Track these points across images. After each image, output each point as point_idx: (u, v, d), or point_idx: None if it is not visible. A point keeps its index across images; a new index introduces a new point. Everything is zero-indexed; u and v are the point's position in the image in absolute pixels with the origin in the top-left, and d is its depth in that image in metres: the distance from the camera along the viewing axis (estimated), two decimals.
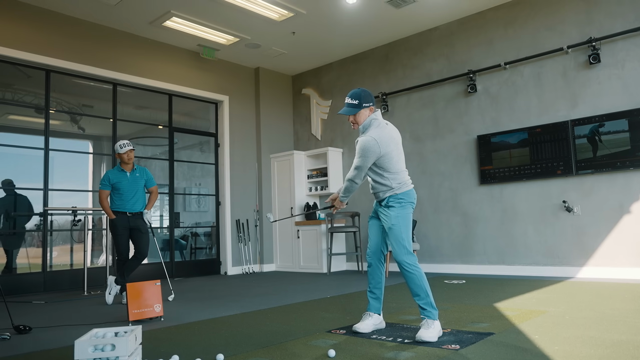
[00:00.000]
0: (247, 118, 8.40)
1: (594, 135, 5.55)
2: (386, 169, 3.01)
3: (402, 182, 3.05)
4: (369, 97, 3.10)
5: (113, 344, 2.27)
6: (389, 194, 3.04)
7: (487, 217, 6.38)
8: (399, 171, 3.06)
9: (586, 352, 2.42)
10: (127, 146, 4.80)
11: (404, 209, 3.02)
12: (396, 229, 2.99)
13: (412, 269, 2.94)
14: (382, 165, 3.01)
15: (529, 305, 3.84)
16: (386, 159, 3.00)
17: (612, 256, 5.43)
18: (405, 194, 3.04)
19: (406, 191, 3.05)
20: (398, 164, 3.06)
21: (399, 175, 3.05)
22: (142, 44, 7.10)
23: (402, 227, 2.99)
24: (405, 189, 3.04)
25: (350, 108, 3.07)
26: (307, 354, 2.58)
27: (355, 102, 3.06)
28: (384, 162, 3.00)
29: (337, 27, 6.99)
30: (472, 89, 6.52)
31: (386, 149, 2.98)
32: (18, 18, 5.94)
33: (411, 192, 3.08)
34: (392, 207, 3.02)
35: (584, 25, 5.77)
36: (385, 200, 3.06)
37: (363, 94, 3.07)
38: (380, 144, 2.95)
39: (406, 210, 3.03)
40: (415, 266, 2.95)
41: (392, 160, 3.02)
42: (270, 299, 4.72)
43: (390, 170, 3.02)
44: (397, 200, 3.02)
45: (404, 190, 3.04)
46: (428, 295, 2.92)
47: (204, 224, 8.05)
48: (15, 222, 6.13)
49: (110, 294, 4.77)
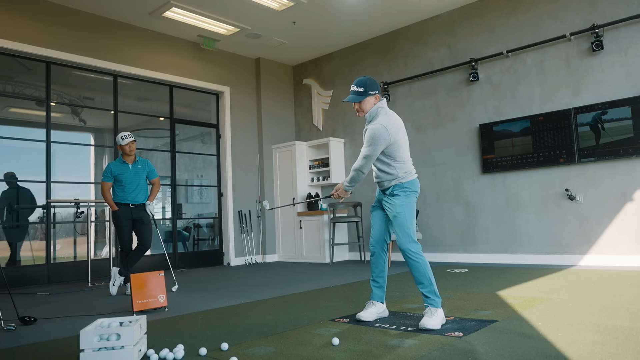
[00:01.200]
0: (248, 109, 8.37)
1: (597, 123, 5.53)
2: (394, 157, 3.01)
3: (408, 171, 3.06)
4: (375, 85, 3.09)
5: (118, 333, 2.29)
6: (394, 182, 3.04)
7: (490, 206, 6.38)
8: (405, 160, 3.06)
9: (589, 338, 2.42)
10: (128, 138, 4.79)
11: (409, 197, 3.03)
12: (401, 217, 2.99)
13: (416, 257, 2.95)
14: (390, 154, 3.01)
15: (531, 293, 3.85)
16: (395, 147, 3.00)
17: (615, 244, 5.43)
18: (410, 183, 3.04)
19: (411, 180, 3.05)
20: (405, 153, 3.07)
21: (405, 164, 3.05)
22: (142, 35, 7.07)
23: (407, 216, 2.99)
24: (410, 178, 3.05)
25: (355, 95, 3.07)
26: (311, 342, 2.59)
27: (361, 90, 3.05)
28: (392, 151, 3.00)
29: (338, 17, 6.94)
30: (474, 78, 6.48)
31: (395, 136, 2.99)
32: (18, 10, 5.91)
33: (415, 181, 3.08)
34: (397, 196, 3.03)
35: (586, 12, 5.72)
36: (390, 189, 3.06)
37: (369, 82, 3.06)
38: (390, 131, 2.96)
39: (411, 199, 3.04)
40: (420, 254, 2.96)
41: (400, 149, 3.02)
42: (273, 289, 4.74)
43: (397, 159, 3.02)
44: (402, 189, 3.03)
45: (408, 180, 3.04)
46: (432, 283, 2.93)
47: (206, 215, 8.07)
48: (18, 215, 6.15)
49: (114, 285, 4.79)
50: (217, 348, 2.53)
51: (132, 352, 2.27)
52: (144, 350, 2.48)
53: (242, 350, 2.49)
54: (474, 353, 2.25)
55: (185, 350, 2.50)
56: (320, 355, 2.35)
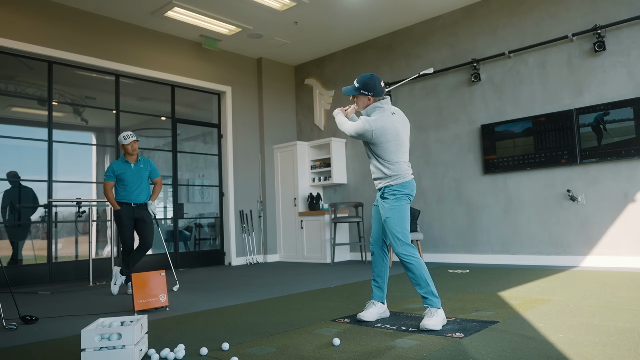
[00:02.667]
0: (250, 109, 8.38)
1: (599, 124, 5.52)
2: (382, 157, 3.03)
3: (399, 173, 3.03)
4: (372, 87, 3.05)
5: (119, 333, 2.29)
6: (384, 183, 3.06)
7: (491, 206, 6.37)
8: (397, 162, 3.04)
9: (590, 339, 2.42)
10: (131, 137, 4.80)
11: (398, 201, 3.03)
12: (389, 222, 3.01)
13: (409, 259, 2.95)
14: (378, 153, 3.04)
15: (533, 293, 3.85)
16: (379, 148, 3.01)
17: (617, 245, 5.42)
18: (400, 186, 3.03)
19: (402, 183, 3.03)
20: (396, 155, 3.03)
21: (396, 166, 3.03)
22: (144, 34, 7.08)
23: (395, 220, 3.00)
24: (400, 181, 3.03)
25: (349, 88, 3.14)
26: (312, 343, 2.59)
27: (357, 86, 3.09)
28: (377, 150, 3.03)
29: (340, 17, 6.94)
30: (476, 78, 6.47)
31: (380, 138, 2.99)
32: (20, 9, 5.92)
33: (408, 183, 3.05)
34: (387, 200, 3.05)
35: (589, 13, 5.72)
36: (382, 190, 3.09)
37: (368, 82, 3.05)
38: (374, 132, 2.98)
39: (401, 203, 3.03)
40: (412, 256, 2.95)
41: (387, 151, 3.01)
42: (275, 289, 4.74)
43: (386, 159, 3.03)
44: (392, 192, 3.03)
45: (399, 182, 3.03)
46: (428, 284, 2.92)
47: (207, 215, 8.07)
48: (20, 214, 6.16)
49: (115, 284, 4.80)
50: (218, 348, 2.53)
51: (133, 351, 2.27)
52: (144, 350, 2.48)
53: (243, 350, 2.49)
54: (474, 354, 2.25)
55: (186, 350, 2.50)
56: (320, 355, 2.35)
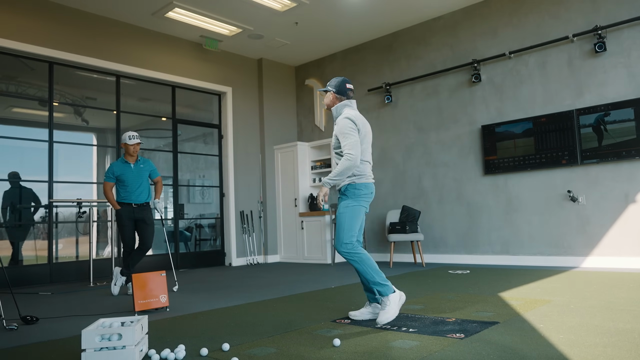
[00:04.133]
0: (251, 109, 8.38)
1: (600, 125, 5.51)
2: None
3: (364, 173, 3.10)
4: (338, 86, 3.24)
5: (120, 333, 2.29)
6: (348, 181, 3.09)
7: (492, 207, 6.37)
8: (364, 161, 3.12)
9: (591, 340, 2.42)
10: (135, 139, 4.80)
11: (357, 202, 3.07)
12: (341, 218, 3.06)
13: (351, 256, 3.01)
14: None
15: (533, 294, 3.84)
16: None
17: (617, 246, 5.41)
18: (363, 185, 3.08)
19: (365, 183, 3.09)
20: (365, 154, 3.13)
21: (363, 165, 3.11)
22: (145, 35, 7.09)
23: (347, 218, 3.04)
24: (364, 181, 3.09)
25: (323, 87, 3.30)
26: (312, 343, 2.59)
27: (327, 85, 3.28)
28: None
29: (340, 17, 6.95)
30: (477, 79, 6.47)
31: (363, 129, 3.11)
32: (21, 10, 5.93)
33: (370, 185, 3.13)
34: (346, 198, 3.09)
35: (589, 13, 5.72)
36: (343, 187, 3.11)
37: (335, 82, 3.25)
38: (356, 121, 3.07)
39: (358, 203, 3.08)
40: (354, 252, 3.01)
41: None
42: (275, 290, 4.74)
43: None
44: (353, 191, 3.08)
45: (362, 182, 3.09)
46: (374, 276, 2.97)
47: (208, 216, 8.07)
48: (20, 214, 6.16)
49: (116, 285, 4.80)
50: (219, 348, 2.53)
51: (133, 352, 2.27)
52: (145, 351, 2.48)
53: (243, 350, 2.49)
54: (475, 355, 2.25)
55: (186, 350, 2.51)
56: (321, 356, 2.35)
